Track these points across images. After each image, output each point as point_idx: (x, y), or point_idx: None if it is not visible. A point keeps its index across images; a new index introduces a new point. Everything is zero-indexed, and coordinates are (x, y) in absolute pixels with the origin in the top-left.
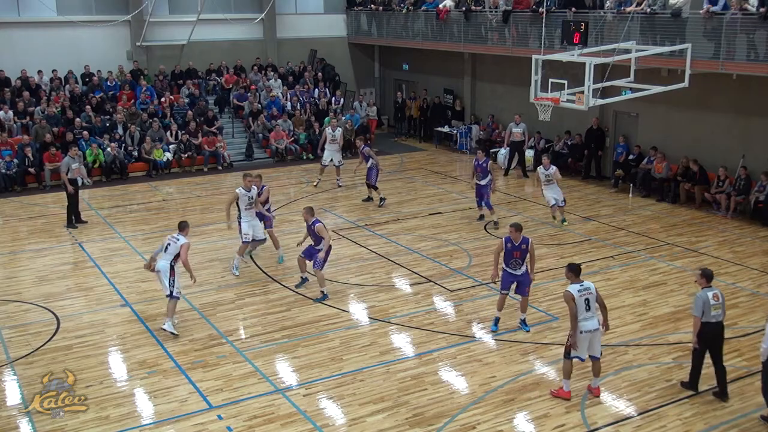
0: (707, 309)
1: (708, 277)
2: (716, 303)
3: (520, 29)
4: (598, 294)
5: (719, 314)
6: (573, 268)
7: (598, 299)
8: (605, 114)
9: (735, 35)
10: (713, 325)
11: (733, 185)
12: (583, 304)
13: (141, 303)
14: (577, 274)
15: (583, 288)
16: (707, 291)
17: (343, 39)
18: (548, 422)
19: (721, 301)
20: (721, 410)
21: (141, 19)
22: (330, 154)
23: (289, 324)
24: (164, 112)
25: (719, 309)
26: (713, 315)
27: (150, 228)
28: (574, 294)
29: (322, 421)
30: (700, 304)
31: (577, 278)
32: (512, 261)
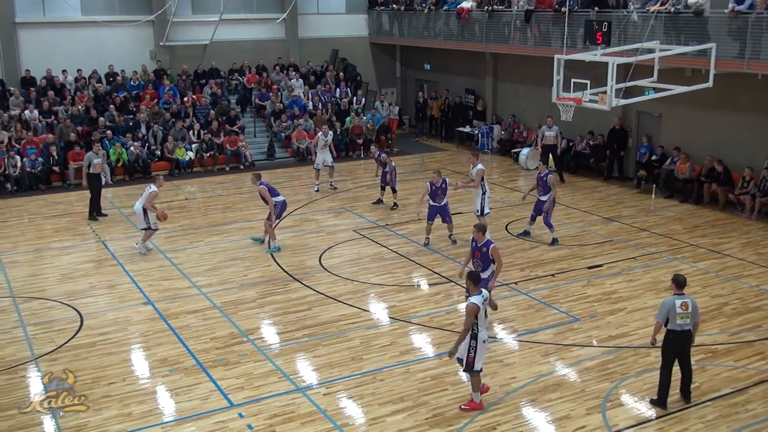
0: (672, 316)
1: (678, 284)
2: (683, 312)
3: (543, 29)
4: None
5: (686, 323)
6: (473, 277)
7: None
8: (628, 114)
9: (761, 34)
10: (678, 333)
11: (758, 186)
12: (483, 316)
13: (163, 301)
14: (477, 284)
15: (484, 299)
16: (676, 298)
17: (365, 39)
18: (569, 424)
19: (691, 310)
20: (744, 413)
21: (164, 19)
22: (322, 156)
23: (310, 323)
24: (187, 112)
25: (686, 318)
26: (678, 323)
27: (172, 227)
28: (479, 305)
29: (342, 420)
30: (664, 310)
31: (477, 288)
32: (474, 261)
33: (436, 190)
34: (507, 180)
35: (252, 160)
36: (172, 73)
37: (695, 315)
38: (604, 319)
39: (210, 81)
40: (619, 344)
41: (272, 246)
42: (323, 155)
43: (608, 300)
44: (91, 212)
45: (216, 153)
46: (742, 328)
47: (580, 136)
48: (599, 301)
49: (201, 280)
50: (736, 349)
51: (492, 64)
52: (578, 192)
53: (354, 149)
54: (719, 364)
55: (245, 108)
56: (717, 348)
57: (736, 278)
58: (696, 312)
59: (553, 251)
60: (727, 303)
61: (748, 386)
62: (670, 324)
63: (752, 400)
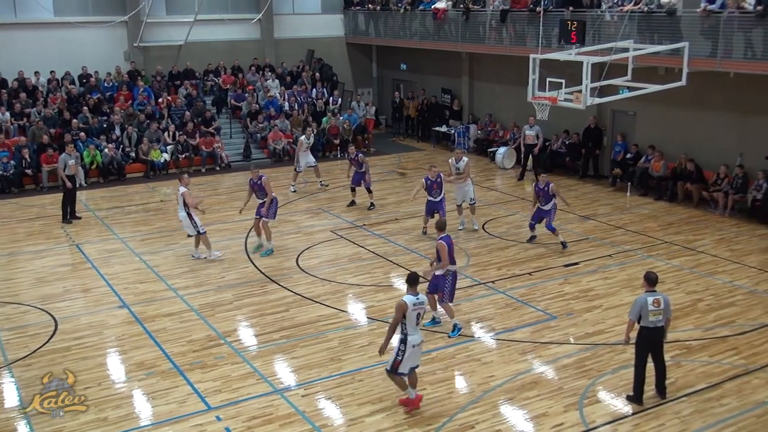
0: (645, 313)
1: (650, 281)
2: (656, 309)
3: (518, 28)
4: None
5: (659, 320)
6: (410, 279)
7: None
8: (603, 113)
9: (732, 33)
10: (651, 330)
11: (731, 183)
12: (414, 319)
13: (139, 304)
14: (413, 285)
15: (418, 301)
16: (648, 295)
17: (341, 39)
18: (547, 421)
19: (663, 306)
20: (719, 408)
21: (138, 20)
22: (305, 159)
23: (288, 324)
24: (162, 113)
25: (659, 315)
26: (651, 320)
27: (148, 229)
28: (408, 305)
29: (320, 421)
30: (637, 308)
31: (413, 289)
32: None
33: (431, 184)
34: (483, 179)
35: (228, 162)
36: (147, 74)
37: (667, 312)
38: (581, 316)
39: (185, 82)
40: (596, 341)
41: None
42: (305, 158)
43: (585, 297)
44: (65, 214)
45: (192, 154)
46: (716, 323)
47: (555, 135)
48: (576, 299)
49: (177, 282)
50: (711, 344)
51: (468, 64)
52: None
53: (331, 149)
54: (694, 359)
55: (221, 109)
56: (692, 344)
57: (709, 275)
58: (668, 309)
59: (531, 249)
60: (701, 299)
61: (723, 381)
62: (643, 321)
63: (727, 394)
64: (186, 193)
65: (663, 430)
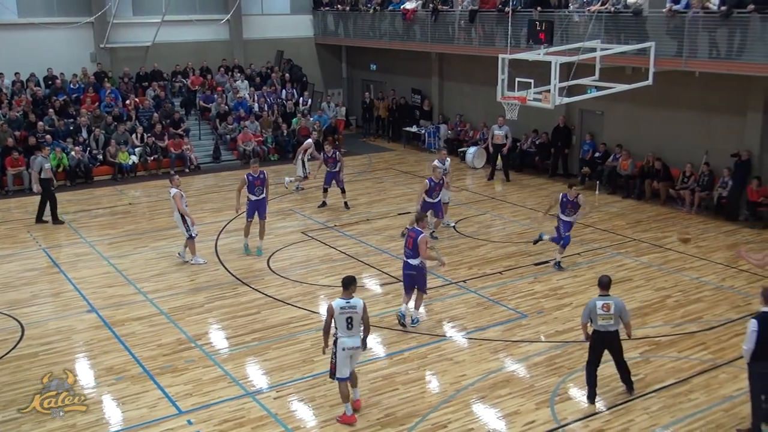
0: (594, 317)
1: (601, 285)
2: (604, 313)
3: (487, 29)
4: (365, 313)
5: (609, 324)
6: (343, 282)
7: (363, 319)
8: (571, 112)
9: (697, 33)
10: (602, 334)
11: (697, 181)
12: (344, 322)
13: (108, 308)
14: (346, 288)
15: (348, 305)
16: (598, 299)
17: (310, 39)
18: (519, 419)
19: (613, 311)
20: (687, 403)
21: (104, 21)
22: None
23: (260, 327)
24: (129, 115)
25: (609, 320)
26: (601, 324)
27: (116, 232)
28: (335, 309)
29: (293, 423)
30: (587, 311)
31: (346, 292)
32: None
33: (434, 186)
34: (454, 179)
35: (197, 163)
36: (114, 76)
37: (623, 316)
38: (551, 314)
39: (153, 83)
40: (567, 339)
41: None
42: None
43: (555, 296)
44: (39, 215)
45: (160, 156)
46: (685, 319)
47: (525, 134)
48: (546, 297)
49: (147, 286)
50: (679, 340)
51: (438, 64)
52: (524, 190)
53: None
54: (663, 355)
55: (189, 110)
56: (660, 340)
57: (677, 271)
58: (623, 313)
59: (501, 248)
60: (669, 295)
61: (691, 376)
62: (594, 324)
63: (695, 389)
64: (177, 195)
65: (632, 426)
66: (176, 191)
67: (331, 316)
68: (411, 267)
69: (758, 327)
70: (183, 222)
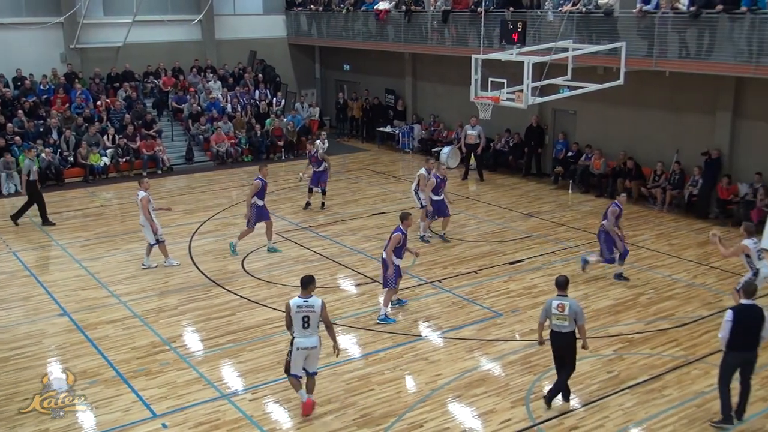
0: (550, 317)
1: (558, 285)
2: (559, 313)
3: (460, 29)
4: (323, 312)
5: (563, 325)
6: (302, 281)
7: (323, 318)
8: (544, 112)
9: (667, 33)
10: (555, 334)
11: (668, 180)
12: (300, 321)
13: (80, 312)
14: (304, 287)
15: (306, 304)
16: (554, 299)
17: (283, 40)
18: (494, 417)
19: (567, 312)
20: (660, 399)
21: (74, 21)
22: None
23: (234, 329)
24: (101, 116)
25: (564, 320)
26: (555, 324)
27: (88, 235)
28: (292, 307)
29: (269, 425)
30: (543, 311)
31: (304, 291)
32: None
33: (440, 182)
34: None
35: (170, 165)
36: (84, 77)
37: (578, 318)
38: (526, 313)
39: (124, 84)
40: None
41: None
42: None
43: (529, 294)
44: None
45: (132, 158)
46: (657, 316)
47: (498, 134)
48: (521, 296)
49: (120, 288)
50: (652, 337)
51: (411, 64)
52: (498, 189)
53: (275, 151)
54: (636, 352)
55: (162, 111)
56: (634, 337)
57: (650, 269)
58: (578, 315)
59: (475, 248)
60: (642, 293)
61: (664, 372)
62: (551, 324)
63: (668, 385)
64: (144, 200)
65: (607, 423)
66: (144, 194)
67: (289, 314)
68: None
69: (733, 317)
70: (149, 227)
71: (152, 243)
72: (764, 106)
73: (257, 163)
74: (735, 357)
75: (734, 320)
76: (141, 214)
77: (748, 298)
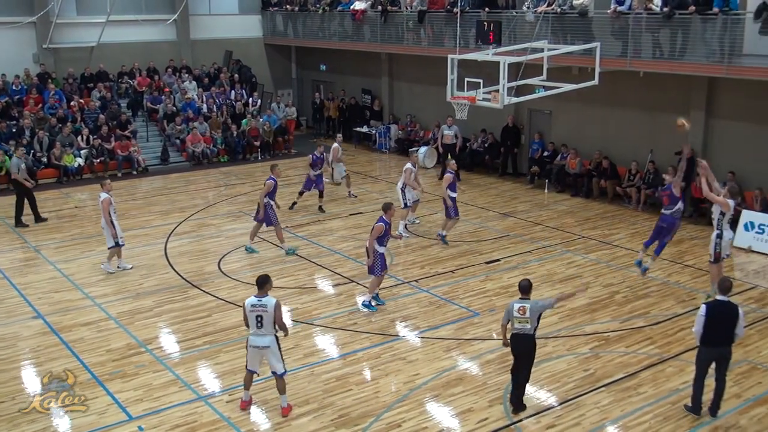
0: (512, 319)
1: (520, 289)
2: (520, 316)
3: (436, 29)
4: (276, 312)
5: (524, 328)
6: (257, 280)
7: (276, 318)
8: (520, 112)
9: (641, 34)
10: (515, 336)
11: (643, 179)
12: (254, 320)
13: (54, 314)
14: (260, 287)
15: (259, 303)
16: (516, 302)
17: (259, 40)
18: (472, 416)
19: (528, 315)
20: (636, 396)
21: (47, 21)
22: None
23: (211, 330)
24: (74, 117)
25: (525, 323)
26: (516, 327)
27: (62, 236)
28: (246, 306)
29: (246, 427)
30: (506, 312)
31: (260, 291)
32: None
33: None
34: None
35: (145, 165)
36: (58, 77)
37: (546, 305)
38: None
39: (98, 84)
40: None
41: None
42: (339, 167)
43: (506, 294)
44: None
45: (107, 159)
46: (632, 314)
47: (473, 134)
48: (498, 295)
49: (94, 290)
50: (627, 335)
51: (387, 65)
52: (474, 189)
53: (251, 151)
54: (612, 350)
55: (137, 112)
56: (609, 335)
57: (625, 267)
58: (543, 307)
59: (452, 247)
60: (618, 291)
61: (639, 370)
62: (512, 327)
63: (643, 383)
64: (106, 201)
65: (583, 420)
66: (106, 196)
67: (245, 313)
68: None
69: (706, 312)
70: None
71: (110, 246)
72: (736, 105)
73: (233, 164)
74: (709, 352)
75: (707, 315)
76: (102, 216)
77: (724, 295)
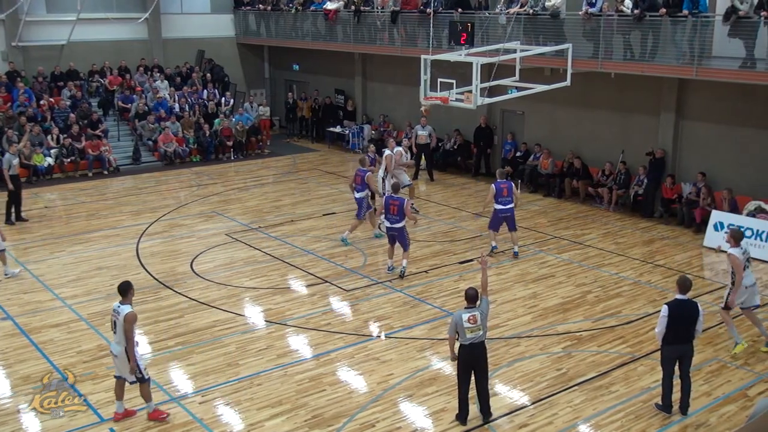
0: (461, 330)
1: (467, 297)
2: (471, 325)
3: (409, 29)
4: (126, 325)
5: (477, 336)
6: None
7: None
8: (493, 112)
9: (612, 35)
10: (468, 348)
11: (615, 179)
12: (112, 325)
13: (23, 315)
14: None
15: (116, 310)
16: (463, 312)
17: (232, 39)
18: (446, 416)
19: (480, 322)
20: (608, 395)
21: (16, 18)
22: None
23: (183, 331)
24: (44, 116)
25: (477, 331)
26: (469, 337)
27: (31, 237)
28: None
29: (219, 428)
30: (452, 324)
31: (122, 299)
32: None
33: (501, 190)
34: None
35: (116, 165)
36: (27, 75)
37: (484, 326)
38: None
39: (69, 83)
40: (491, 336)
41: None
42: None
43: None
44: (9, 215)
45: (77, 158)
46: (604, 314)
47: (447, 134)
48: None
49: (65, 291)
50: (599, 334)
51: (361, 65)
52: (448, 189)
53: (224, 151)
54: (584, 350)
55: (108, 111)
56: (582, 335)
57: (597, 267)
58: (487, 308)
59: (426, 247)
60: (590, 291)
61: (611, 369)
62: (461, 338)
63: (615, 382)
64: None
65: (556, 419)
66: None
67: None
68: (394, 229)
69: (668, 312)
70: None
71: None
72: (706, 107)
73: (205, 164)
74: (671, 351)
75: (669, 315)
76: None
77: (683, 294)
